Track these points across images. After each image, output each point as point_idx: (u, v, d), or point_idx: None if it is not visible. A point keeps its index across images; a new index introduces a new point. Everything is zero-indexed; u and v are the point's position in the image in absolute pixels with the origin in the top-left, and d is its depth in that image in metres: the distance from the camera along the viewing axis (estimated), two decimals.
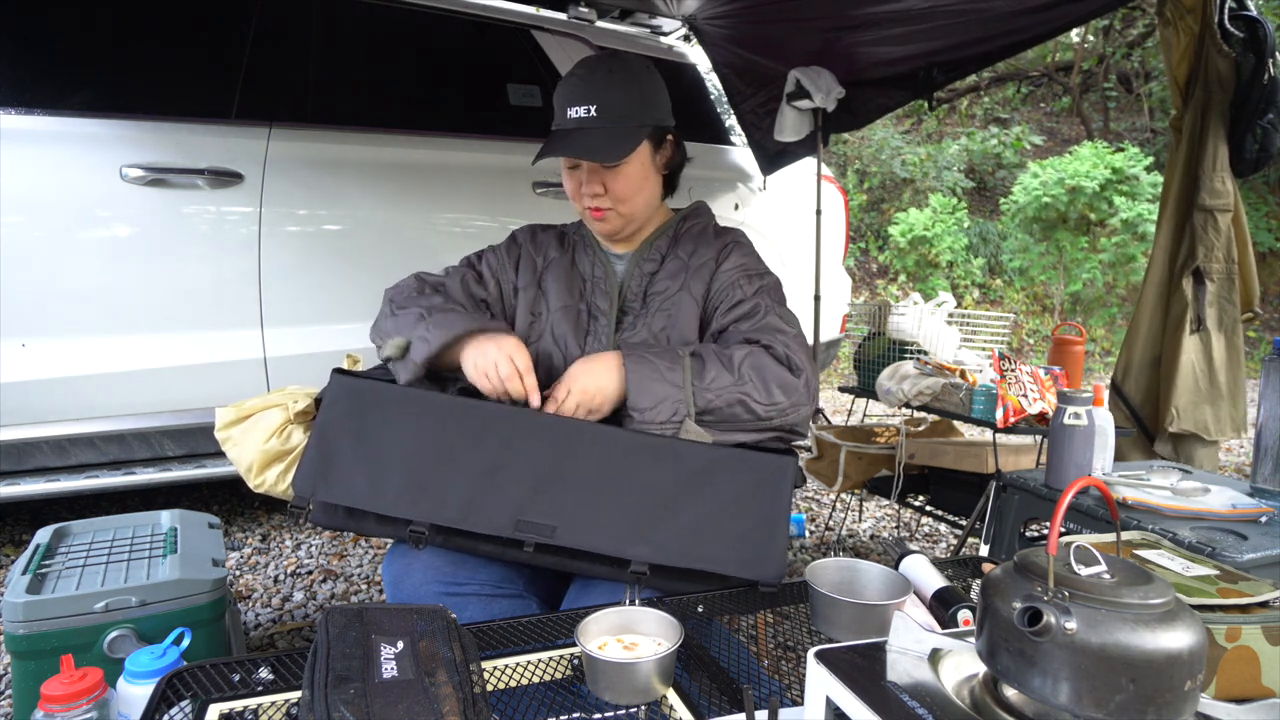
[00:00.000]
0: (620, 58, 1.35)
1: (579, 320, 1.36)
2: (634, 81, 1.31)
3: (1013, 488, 1.69)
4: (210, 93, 2.38)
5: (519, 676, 0.85)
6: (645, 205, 1.37)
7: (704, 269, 1.37)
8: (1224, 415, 2.46)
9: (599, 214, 1.34)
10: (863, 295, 7.81)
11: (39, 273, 2.11)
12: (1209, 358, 2.45)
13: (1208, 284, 2.43)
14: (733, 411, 1.18)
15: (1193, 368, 2.46)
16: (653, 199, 1.39)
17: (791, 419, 1.22)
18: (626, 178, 1.31)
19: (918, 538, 2.93)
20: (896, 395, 2.32)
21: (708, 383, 1.18)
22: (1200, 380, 2.45)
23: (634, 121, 1.29)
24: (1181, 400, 2.45)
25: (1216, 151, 2.40)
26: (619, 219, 1.35)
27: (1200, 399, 2.45)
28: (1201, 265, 2.44)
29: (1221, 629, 0.84)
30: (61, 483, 2.14)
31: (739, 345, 1.24)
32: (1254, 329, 8.30)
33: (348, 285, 2.48)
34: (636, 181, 1.33)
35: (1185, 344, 2.45)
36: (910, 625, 0.68)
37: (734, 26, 2.84)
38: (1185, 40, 2.38)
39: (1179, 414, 2.45)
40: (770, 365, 1.21)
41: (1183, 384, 2.45)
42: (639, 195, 1.35)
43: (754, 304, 1.32)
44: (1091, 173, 7.11)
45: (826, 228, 3.17)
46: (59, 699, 0.91)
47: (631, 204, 1.34)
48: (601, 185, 1.31)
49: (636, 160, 1.32)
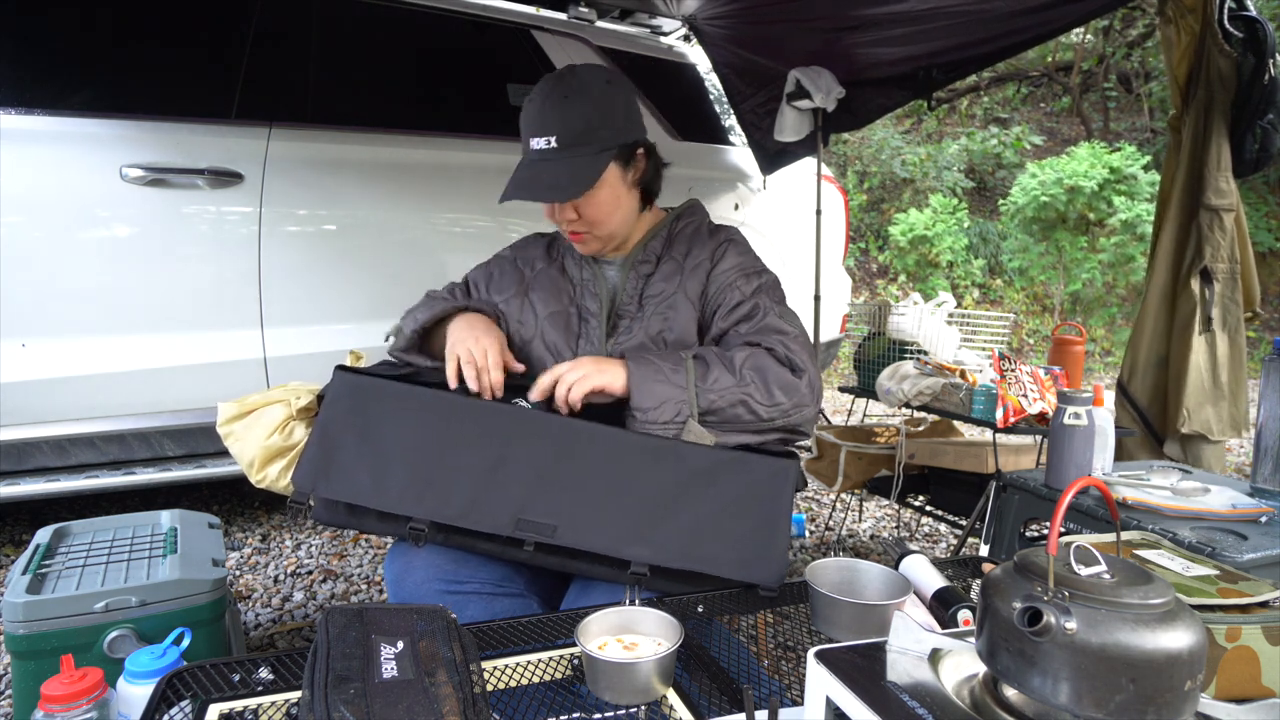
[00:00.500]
0: (577, 75, 1.30)
1: (569, 324, 1.36)
2: (591, 102, 1.27)
3: (1013, 488, 1.69)
4: (210, 93, 2.38)
5: (519, 676, 0.85)
6: (623, 223, 1.35)
7: (699, 269, 1.36)
8: (1225, 415, 2.46)
9: (577, 238, 1.34)
10: (863, 295, 7.81)
11: (39, 273, 2.11)
12: (1213, 358, 2.45)
13: (1215, 284, 2.43)
14: (735, 412, 1.18)
15: (1199, 368, 2.45)
16: (630, 215, 1.36)
17: (795, 419, 1.22)
18: (598, 203, 1.30)
19: (918, 538, 2.93)
20: (897, 395, 2.32)
21: (710, 384, 1.18)
22: (1205, 380, 2.45)
23: (596, 146, 1.26)
24: (1191, 401, 2.44)
25: (1220, 151, 2.39)
26: (597, 241, 1.35)
27: (1205, 399, 2.45)
28: (1209, 265, 2.43)
29: (1221, 629, 0.84)
30: (61, 483, 2.14)
31: (740, 347, 1.24)
32: (1254, 329, 8.31)
33: (348, 285, 2.48)
34: (609, 205, 1.31)
35: (1194, 344, 2.44)
36: (910, 625, 0.68)
37: (734, 26, 2.85)
38: (1186, 39, 2.38)
39: (1190, 415, 2.44)
40: (772, 367, 1.21)
41: (1192, 385, 2.44)
42: (613, 216, 1.33)
43: (753, 304, 1.31)
44: (1089, 173, 7.12)
45: (826, 228, 3.17)
46: (59, 699, 0.91)
47: (607, 225, 1.33)
48: (575, 212, 1.30)
49: (605, 185, 1.29)
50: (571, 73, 1.31)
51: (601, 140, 1.27)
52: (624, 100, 1.32)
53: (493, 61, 2.91)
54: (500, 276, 1.46)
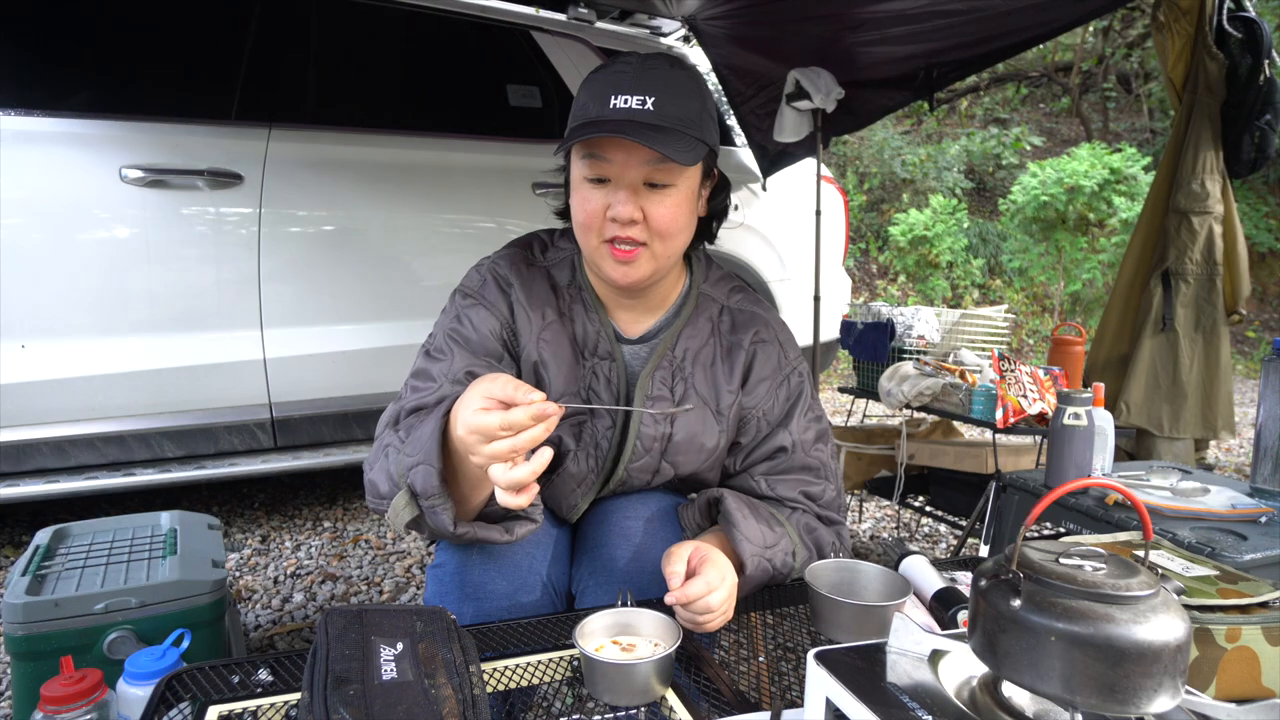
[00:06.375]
0: (680, 60, 1.08)
1: (577, 421, 1.11)
2: (696, 90, 1.02)
3: (1013, 488, 1.69)
4: (210, 94, 2.38)
5: (519, 678, 0.85)
6: (678, 252, 1.07)
7: (734, 377, 1.12)
8: (1187, 415, 2.52)
9: (627, 254, 1.01)
10: (863, 295, 7.81)
11: (39, 274, 2.11)
12: (1174, 358, 2.53)
13: (1180, 286, 2.49)
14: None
15: (1153, 365, 2.55)
16: (684, 245, 1.07)
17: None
18: (675, 206, 1.01)
19: (917, 538, 2.93)
20: (897, 397, 2.32)
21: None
22: (1161, 378, 2.55)
23: (696, 132, 0.99)
24: (1134, 396, 2.56)
25: (1199, 155, 2.43)
26: (650, 263, 1.03)
27: (1158, 396, 2.54)
28: (1172, 267, 2.49)
29: (1221, 629, 0.84)
30: (61, 484, 2.14)
31: (787, 513, 1.11)
32: (1253, 329, 8.30)
33: (347, 286, 2.48)
34: (684, 215, 1.03)
35: (1147, 344, 2.54)
36: (910, 626, 0.68)
37: (734, 27, 2.84)
38: (1180, 43, 2.40)
39: (1129, 409, 2.55)
40: (824, 539, 1.11)
41: (1137, 381, 2.55)
42: (680, 235, 1.04)
43: (782, 442, 1.13)
44: (1089, 172, 7.12)
45: (826, 228, 3.17)
46: (59, 700, 0.91)
47: (671, 244, 1.03)
48: (639, 210, 1.00)
49: (687, 186, 1.02)
50: (673, 55, 1.11)
51: (701, 128, 1.00)
52: (715, 105, 1.07)
53: (492, 62, 2.92)
54: (519, 319, 1.09)
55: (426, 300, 2.55)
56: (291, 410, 2.42)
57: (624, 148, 0.98)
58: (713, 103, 1.06)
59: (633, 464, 1.12)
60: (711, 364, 1.13)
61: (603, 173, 1.00)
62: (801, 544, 1.08)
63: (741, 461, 1.16)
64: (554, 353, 1.09)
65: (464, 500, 0.93)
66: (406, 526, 0.92)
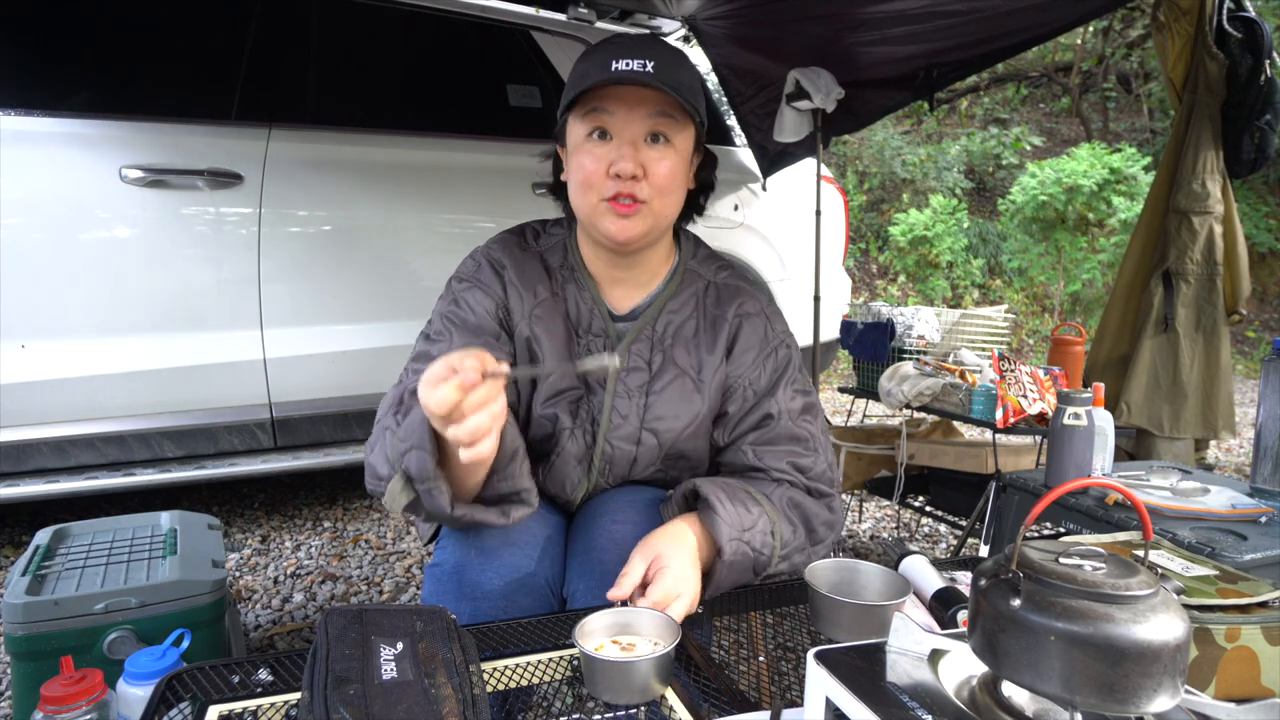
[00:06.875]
0: (670, 42, 1.12)
1: (571, 390, 1.14)
2: (689, 64, 1.09)
3: (1013, 488, 1.69)
4: (210, 94, 2.38)
5: (519, 677, 0.85)
6: (672, 214, 1.12)
7: (717, 348, 1.14)
8: (1188, 415, 2.53)
9: (628, 207, 1.05)
10: (863, 295, 7.81)
11: (39, 274, 2.11)
12: (1175, 358, 2.53)
13: (1181, 286, 2.49)
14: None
15: (1153, 366, 2.55)
16: (675, 212, 1.12)
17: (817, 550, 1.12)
18: (672, 163, 1.06)
19: (917, 538, 2.93)
20: (897, 397, 2.32)
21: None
22: (1162, 378, 2.55)
23: (691, 97, 1.04)
24: (1134, 396, 2.56)
25: (1199, 155, 2.43)
26: (648, 219, 1.07)
27: (1159, 396, 2.54)
28: (1172, 267, 2.49)
29: (1221, 629, 0.84)
30: (61, 484, 2.14)
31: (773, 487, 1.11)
32: (1253, 329, 8.30)
33: (347, 286, 2.48)
34: (679, 175, 1.08)
35: (1148, 344, 2.54)
36: (910, 626, 0.68)
37: (733, 27, 2.85)
38: (1180, 43, 2.40)
39: (1129, 409, 2.55)
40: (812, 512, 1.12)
41: (1138, 381, 2.55)
42: (674, 195, 1.09)
43: (768, 408, 1.14)
44: (1089, 172, 7.12)
45: (826, 228, 3.17)
46: (59, 700, 0.91)
47: (666, 201, 1.08)
48: (640, 166, 1.04)
49: (683, 148, 1.08)
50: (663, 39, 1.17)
51: (695, 95, 1.05)
52: (704, 81, 1.12)
53: (492, 62, 2.92)
54: (512, 300, 1.13)
55: (427, 300, 2.51)
56: (291, 410, 2.42)
57: (627, 101, 1.03)
58: (701, 79, 1.11)
59: (613, 434, 1.14)
60: (694, 335, 1.16)
61: (606, 124, 1.05)
62: (784, 520, 1.08)
63: (730, 433, 1.17)
64: (546, 328, 1.12)
65: (459, 482, 0.96)
66: (404, 510, 0.95)
